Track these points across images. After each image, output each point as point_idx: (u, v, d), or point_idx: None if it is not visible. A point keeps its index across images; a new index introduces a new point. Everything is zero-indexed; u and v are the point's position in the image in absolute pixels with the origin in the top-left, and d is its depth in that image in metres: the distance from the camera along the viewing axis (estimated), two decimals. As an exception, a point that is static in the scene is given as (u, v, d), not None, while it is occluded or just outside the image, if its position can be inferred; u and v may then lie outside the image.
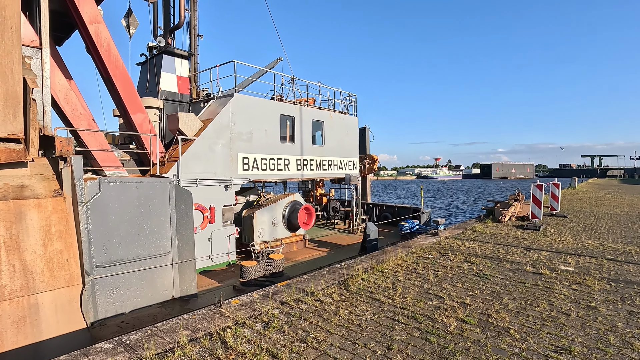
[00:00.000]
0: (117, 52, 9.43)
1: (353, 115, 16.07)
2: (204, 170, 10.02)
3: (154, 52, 12.63)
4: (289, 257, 11.51)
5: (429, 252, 7.92)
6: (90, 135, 9.00)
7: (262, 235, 11.45)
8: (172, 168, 9.41)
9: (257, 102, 11.67)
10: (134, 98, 9.80)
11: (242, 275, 8.42)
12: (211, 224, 10.16)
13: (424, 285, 5.62)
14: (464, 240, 9.10)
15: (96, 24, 9.03)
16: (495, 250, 7.96)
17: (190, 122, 10.02)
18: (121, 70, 9.54)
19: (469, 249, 8.10)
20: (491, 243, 8.79)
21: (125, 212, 7.16)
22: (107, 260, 6.88)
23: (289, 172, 12.67)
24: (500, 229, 10.89)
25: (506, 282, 5.74)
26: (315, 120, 13.89)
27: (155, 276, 7.62)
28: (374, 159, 17.40)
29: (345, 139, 15.37)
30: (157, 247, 7.66)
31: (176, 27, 12.83)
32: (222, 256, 10.47)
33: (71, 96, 8.76)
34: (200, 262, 9.94)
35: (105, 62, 9.25)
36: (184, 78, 12.63)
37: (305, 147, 13.38)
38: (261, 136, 11.64)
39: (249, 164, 11.24)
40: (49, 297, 5.75)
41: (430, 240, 9.31)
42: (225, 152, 10.55)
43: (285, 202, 12.26)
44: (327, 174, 14.43)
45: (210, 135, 10.19)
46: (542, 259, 7.27)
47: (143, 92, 12.70)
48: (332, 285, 5.57)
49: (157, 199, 7.68)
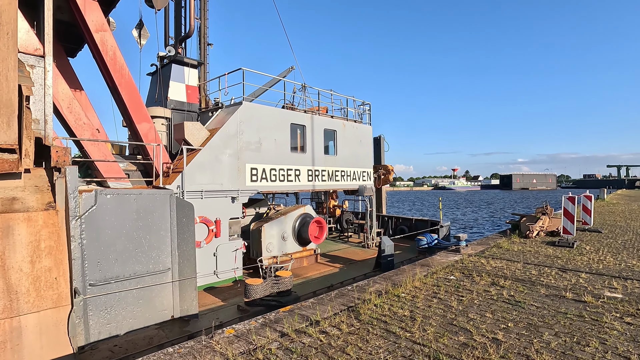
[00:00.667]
0: (123, 61, 9.21)
1: (367, 124, 15.49)
2: (210, 182, 9.59)
3: (164, 62, 12.48)
4: (299, 273, 10.88)
5: (450, 272, 7.14)
6: (93, 146, 8.74)
7: (271, 250, 10.88)
8: (177, 179, 9.01)
9: (266, 110, 11.26)
10: (140, 107, 9.54)
11: (247, 294, 7.84)
12: (217, 238, 9.68)
13: (447, 314, 4.88)
14: (489, 259, 8.26)
15: (102, 32, 8.84)
16: (526, 271, 7.11)
17: (196, 132, 9.65)
18: (127, 79, 9.31)
19: (495, 270, 7.28)
20: (520, 262, 7.92)
21: (122, 226, 6.73)
22: (102, 277, 6.43)
23: (299, 183, 12.13)
24: (528, 245, 9.95)
25: (544, 312, 4.94)
26: (328, 129, 13.37)
27: (153, 295, 7.13)
28: (389, 170, 16.70)
29: (358, 149, 14.77)
30: (156, 263, 7.19)
31: (186, 36, 12.66)
32: (228, 272, 9.93)
33: (75, 106, 8.54)
34: (205, 279, 9.44)
35: (110, 71, 9.04)
36: (193, 87, 12.39)
37: (317, 157, 12.85)
38: (270, 146, 11.18)
39: (257, 174, 10.76)
40: (33, 320, 5.31)
41: (451, 258, 8.51)
42: (232, 163, 10.11)
43: (296, 215, 11.69)
44: (339, 185, 13.82)
45: (217, 145, 9.79)
46: (582, 282, 6.39)
47: (153, 102, 12.53)
48: (341, 313, 4.91)
49: (157, 212, 7.25)
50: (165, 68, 12.29)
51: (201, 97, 12.57)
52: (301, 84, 12.96)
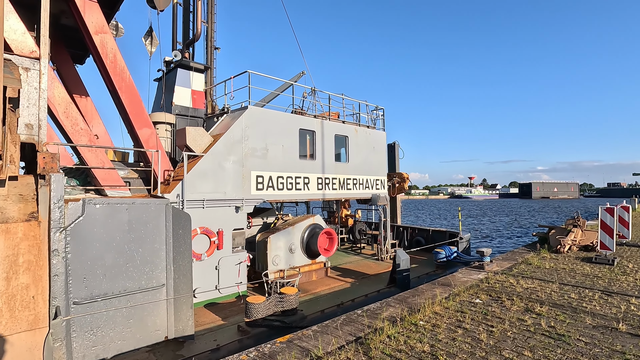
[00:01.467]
0: (123, 64, 8.83)
1: (381, 130, 14.76)
2: (213, 190, 9.04)
3: (170, 67, 12.15)
4: (307, 289, 10.14)
5: (476, 294, 6.28)
6: (90, 152, 8.32)
7: (277, 263, 10.20)
8: (177, 187, 8.49)
9: (273, 115, 10.70)
10: (140, 112, 9.11)
11: (247, 313, 7.16)
12: (219, 250, 9.08)
13: (476, 350, 4.07)
14: (518, 278, 7.34)
15: (102, 34, 8.49)
16: (564, 294, 6.19)
17: (199, 137, 9.15)
18: (127, 83, 8.91)
19: (528, 292, 6.38)
20: (555, 282, 6.98)
21: (112, 239, 6.20)
22: (88, 295, 5.88)
23: (308, 192, 11.47)
24: (561, 261, 8.95)
25: (596, 351, 4.07)
26: (339, 135, 12.71)
27: (145, 314, 6.53)
28: (405, 178, 15.86)
29: (372, 156, 14.03)
30: (149, 279, 6.61)
31: (193, 40, 12.33)
32: (231, 287, 9.29)
33: (72, 110, 8.14)
34: (206, 294, 8.82)
35: (110, 74, 8.66)
36: (199, 92, 11.99)
37: (327, 165, 12.18)
38: (278, 152, 10.58)
39: (263, 182, 10.16)
40: (3, 345, 4.77)
41: (474, 276, 7.63)
42: (236, 170, 9.55)
43: (304, 226, 11.00)
44: (351, 194, 13.08)
45: (220, 152, 9.25)
46: (634, 309, 5.44)
47: (159, 108, 12.19)
48: (348, 346, 4.16)
49: (151, 223, 6.70)
50: (170, 73, 11.96)
51: (207, 102, 12.15)
52: (311, 88, 12.39)
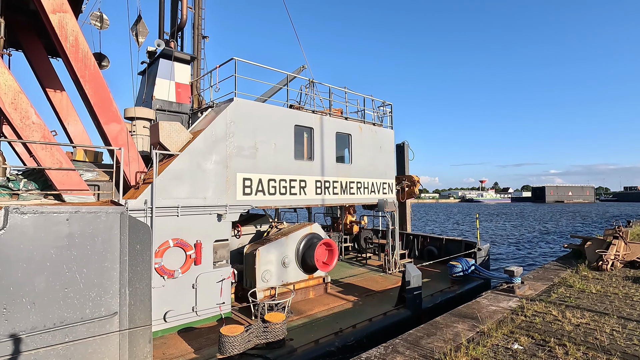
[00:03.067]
0: (87, 49, 7.61)
1: (388, 128, 13.32)
2: (189, 195, 7.72)
3: (155, 58, 10.95)
4: (302, 310, 8.74)
5: (512, 334, 4.80)
6: (45, 150, 7.08)
7: (268, 280, 8.83)
8: (145, 192, 7.19)
9: (264, 109, 9.37)
10: (107, 105, 7.86)
11: (221, 349, 5.79)
12: (197, 266, 7.74)
13: None
14: (562, 307, 5.82)
15: (61, 13, 7.27)
16: (632, 336, 4.66)
17: (174, 133, 7.86)
18: (92, 71, 7.68)
19: (581, 331, 4.87)
20: (612, 315, 5.45)
21: (46, 257, 4.91)
22: (7, 331, 4.59)
23: (305, 197, 10.09)
24: (608, 282, 7.38)
25: None
26: (341, 132, 11.32)
27: (90, 350, 5.22)
28: (415, 181, 14.35)
29: (378, 157, 12.59)
30: (96, 306, 5.30)
31: (179, 28, 11.13)
32: (212, 308, 7.94)
33: (21, 101, 6.91)
34: (180, 318, 7.49)
35: (71, 60, 7.44)
36: (184, 85, 10.75)
37: (328, 166, 10.79)
38: (269, 152, 9.24)
39: (251, 186, 8.82)
40: None
41: (504, 303, 6.13)
42: (219, 172, 8.23)
43: (300, 236, 9.62)
44: (355, 199, 11.66)
45: (200, 150, 7.95)
46: None
47: (141, 103, 10.99)
48: None
49: (101, 236, 5.40)
50: (153, 65, 10.75)
51: (194, 96, 10.89)
52: (309, 79, 11.03)
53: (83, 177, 8.26)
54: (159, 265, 7.19)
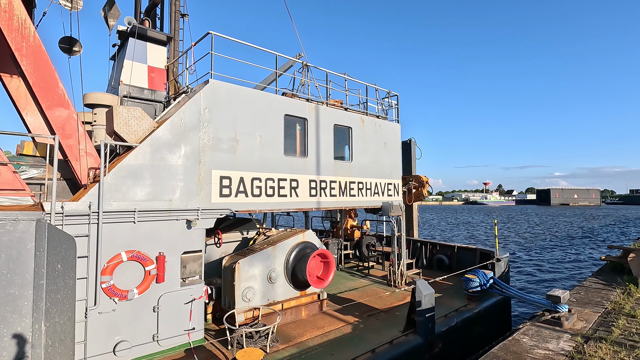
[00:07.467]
0: (25, 16, 6.19)
1: (394, 122, 11.81)
2: (150, 197, 6.25)
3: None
4: (291, 335, 7.23)
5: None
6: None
7: (250, 299, 7.33)
8: (90, 193, 5.72)
9: (247, 94, 7.89)
10: (51, 85, 6.42)
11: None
12: (159, 284, 6.26)
13: None
14: (636, 352, 4.28)
15: (-12, -30, 5.85)
16: None
17: (133, 121, 6.40)
18: (32, 44, 6.25)
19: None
20: None
21: None
22: None
23: (297, 199, 8.60)
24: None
25: None
26: (339, 125, 9.83)
27: (-16, 412, 3.75)
28: (423, 182, 12.81)
29: (382, 154, 11.09)
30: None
31: (153, 4, 9.69)
32: (179, 336, 6.45)
33: None
34: (138, 348, 6.00)
35: (4, 30, 6.01)
36: (158, 70, 9.30)
37: (324, 164, 9.30)
38: (253, 146, 7.77)
39: (230, 186, 7.34)
40: None
41: (553, 343, 4.62)
42: (190, 168, 6.76)
43: (290, 245, 8.12)
44: (355, 202, 10.15)
45: (164, 141, 6.48)
46: None
47: (110, 89, 9.56)
48: None
49: (4, 253, 3.93)
50: (123, 46, 9.32)
51: (170, 82, 9.44)
52: (303, 63, 9.56)
53: (25, 174, 6.84)
54: (107, 284, 5.71)
